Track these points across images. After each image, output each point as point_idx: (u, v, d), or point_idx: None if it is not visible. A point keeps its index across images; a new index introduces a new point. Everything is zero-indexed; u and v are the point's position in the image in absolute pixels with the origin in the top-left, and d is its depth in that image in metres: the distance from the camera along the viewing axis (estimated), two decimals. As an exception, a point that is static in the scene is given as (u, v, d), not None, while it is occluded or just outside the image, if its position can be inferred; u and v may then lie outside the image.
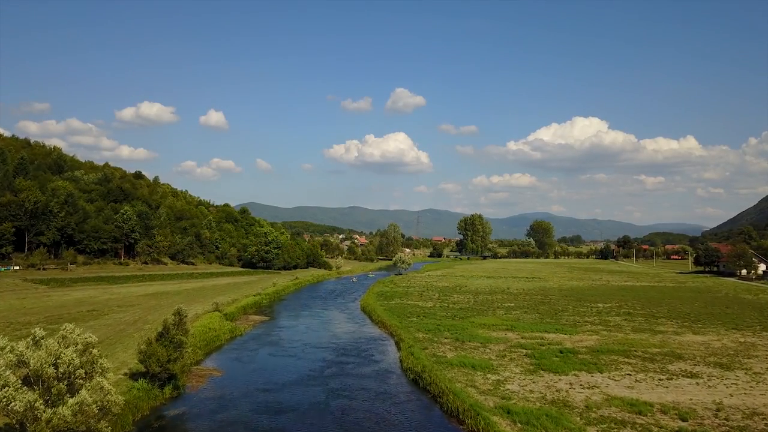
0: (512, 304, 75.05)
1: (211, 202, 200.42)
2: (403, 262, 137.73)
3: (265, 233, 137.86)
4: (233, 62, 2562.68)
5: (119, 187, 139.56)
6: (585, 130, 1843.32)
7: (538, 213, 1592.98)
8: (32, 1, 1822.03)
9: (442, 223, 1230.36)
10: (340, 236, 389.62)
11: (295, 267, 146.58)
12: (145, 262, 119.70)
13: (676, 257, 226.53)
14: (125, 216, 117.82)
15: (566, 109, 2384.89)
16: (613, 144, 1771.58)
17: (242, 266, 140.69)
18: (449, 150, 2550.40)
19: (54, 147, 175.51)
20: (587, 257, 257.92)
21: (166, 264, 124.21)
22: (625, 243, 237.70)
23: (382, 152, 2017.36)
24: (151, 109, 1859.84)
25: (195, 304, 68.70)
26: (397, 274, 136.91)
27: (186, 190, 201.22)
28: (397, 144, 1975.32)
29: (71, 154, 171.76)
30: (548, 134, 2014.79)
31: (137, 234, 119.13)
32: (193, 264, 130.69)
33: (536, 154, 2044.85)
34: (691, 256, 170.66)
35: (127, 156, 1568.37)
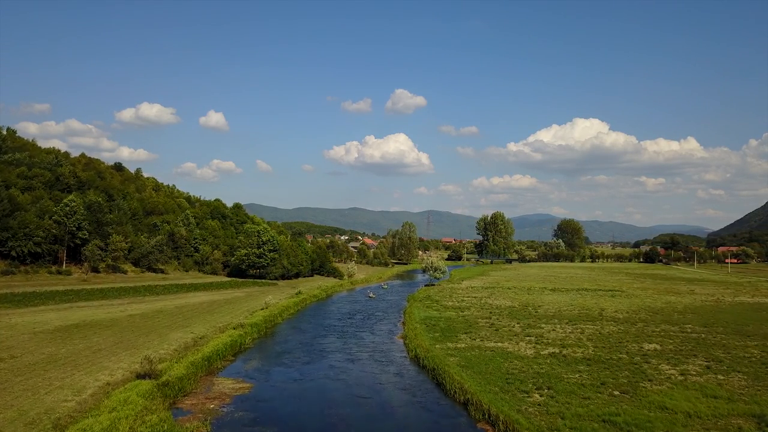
0: (657, 347, 45.27)
1: (201, 198, 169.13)
2: (435, 270, 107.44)
3: (258, 232, 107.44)
4: (233, 63, 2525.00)
5: (73, 174, 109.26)
6: (586, 131, 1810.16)
7: (539, 214, 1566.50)
8: (33, 2, 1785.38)
9: (443, 224, 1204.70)
10: (344, 237, 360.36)
11: (297, 275, 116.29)
12: (96, 270, 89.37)
13: (735, 261, 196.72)
14: (69, 208, 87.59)
15: (566, 110, 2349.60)
16: (614, 145, 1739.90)
17: (228, 274, 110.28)
18: (450, 151, 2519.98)
19: (7, 129, 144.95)
20: (629, 260, 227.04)
21: (125, 272, 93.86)
22: (674, 245, 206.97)
23: (382, 153, 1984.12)
24: (150, 110, 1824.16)
25: (120, 355, 38.54)
26: (428, 285, 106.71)
27: (174, 185, 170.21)
28: (398, 145, 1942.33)
29: (31, 139, 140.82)
30: (548, 135, 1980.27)
31: (85, 232, 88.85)
32: (162, 272, 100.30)
33: (537, 155, 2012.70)
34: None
35: (127, 157, 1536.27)
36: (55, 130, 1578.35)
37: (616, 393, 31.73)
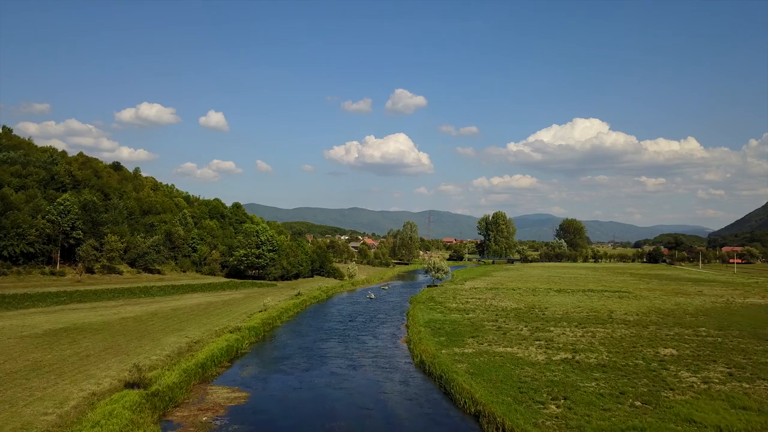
0: (674, 351, 43.22)
1: (201, 197, 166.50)
2: (438, 270, 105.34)
3: (257, 232, 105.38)
4: (233, 63, 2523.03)
5: (68, 172, 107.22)
6: (586, 131, 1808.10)
7: (539, 214, 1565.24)
8: (33, 2, 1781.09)
9: (443, 224, 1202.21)
10: (344, 237, 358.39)
11: (297, 276, 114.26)
12: (91, 270, 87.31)
13: (739, 261, 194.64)
14: (63, 207, 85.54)
15: (566, 110, 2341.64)
16: (614, 145, 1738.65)
17: (227, 275, 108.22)
18: (450, 151, 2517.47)
19: (2, 127, 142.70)
20: (632, 260, 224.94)
21: (121, 273, 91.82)
22: (677, 245, 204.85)
23: (382, 153, 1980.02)
24: (150, 110, 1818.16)
25: (109, 362, 36.46)
26: (430, 285, 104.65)
27: (172, 185, 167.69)
28: (398, 145, 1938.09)
29: (27, 137, 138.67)
30: (548, 135, 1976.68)
31: (79, 232, 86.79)
32: (159, 272, 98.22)
33: (537, 155, 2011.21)
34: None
35: (127, 157, 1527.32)
36: (55, 130, 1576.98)
37: (638, 404, 29.66)
